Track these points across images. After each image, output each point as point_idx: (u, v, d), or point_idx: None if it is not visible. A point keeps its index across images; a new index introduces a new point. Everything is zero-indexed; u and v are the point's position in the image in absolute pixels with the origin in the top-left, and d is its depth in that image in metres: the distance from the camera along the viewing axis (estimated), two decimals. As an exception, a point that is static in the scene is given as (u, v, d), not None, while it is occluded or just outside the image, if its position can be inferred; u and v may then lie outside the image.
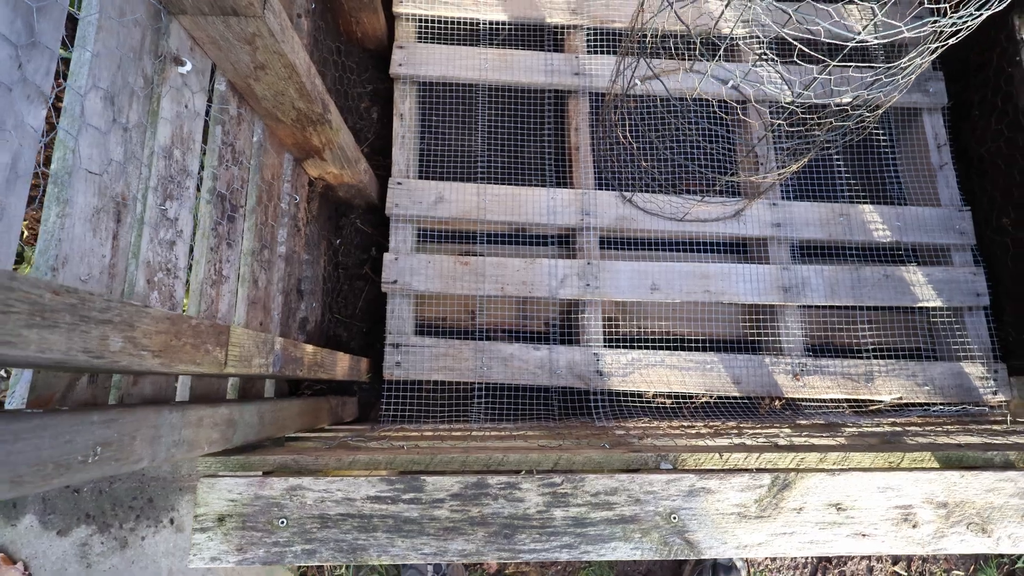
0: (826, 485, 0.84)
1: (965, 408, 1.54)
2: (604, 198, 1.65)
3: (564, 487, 0.81)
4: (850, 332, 1.65)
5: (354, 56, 1.82)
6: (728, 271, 1.61)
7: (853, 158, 1.82)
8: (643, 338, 1.69)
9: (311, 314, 1.51)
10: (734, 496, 0.82)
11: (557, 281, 1.59)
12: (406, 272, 1.57)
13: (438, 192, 1.64)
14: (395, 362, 1.52)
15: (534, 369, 1.53)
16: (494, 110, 1.81)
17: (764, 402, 1.64)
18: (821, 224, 1.66)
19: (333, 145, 1.30)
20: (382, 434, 1.19)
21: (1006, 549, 0.83)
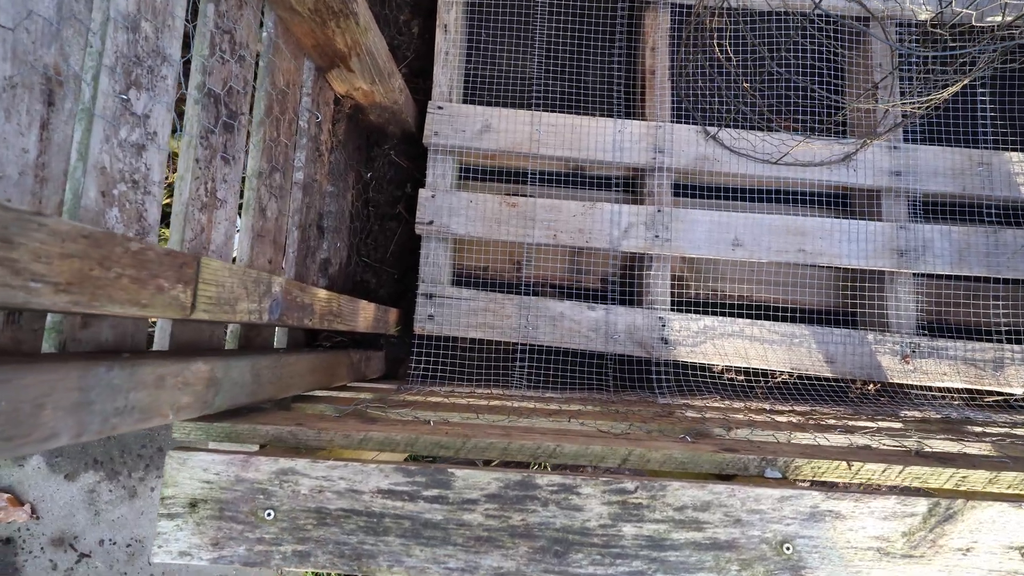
0: (1008, 520, 0.60)
1: None
2: (683, 133, 1.37)
3: (638, 496, 0.60)
4: (978, 309, 1.35)
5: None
6: (830, 227, 1.32)
7: (1001, 94, 1.46)
8: (718, 302, 1.44)
9: (335, 255, 1.32)
10: (873, 525, 0.60)
11: (620, 230, 1.34)
12: (444, 212, 1.36)
13: (484, 119, 1.39)
14: (427, 315, 1.33)
15: (587, 332, 1.32)
16: (555, 24, 1.53)
17: (855, 386, 1.38)
18: (954, 174, 1.34)
19: (360, 49, 1.07)
20: (406, 399, 1.01)
21: None
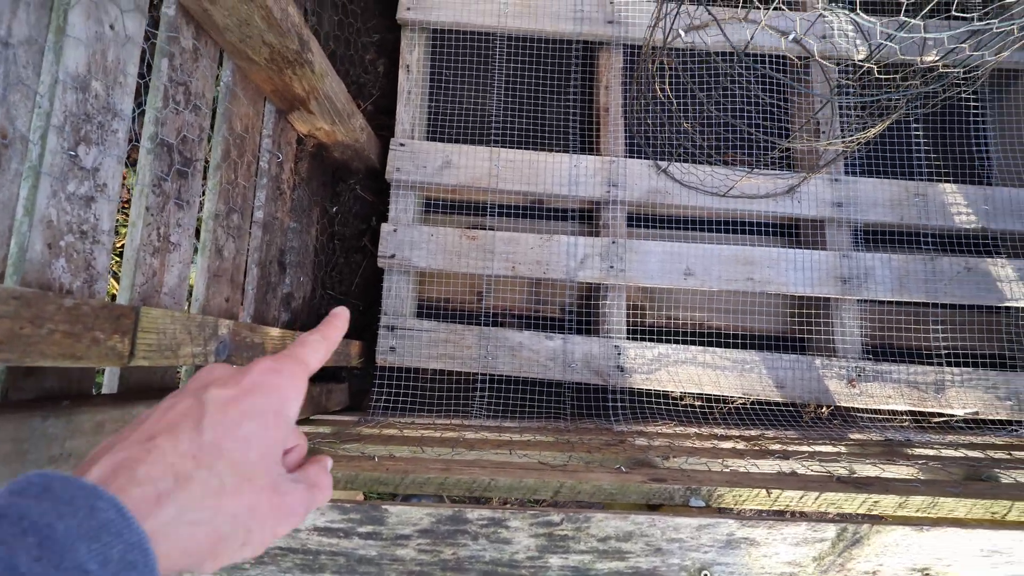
0: (910, 543, 0.64)
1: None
2: (635, 167, 1.43)
3: (564, 528, 0.63)
4: (919, 333, 1.41)
5: (357, 1, 1.62)
6: (777, 257, 1.38)
7: (935, 128, 1.55)
8: (672, 330, 1.49)
9: (298, 289, 1.35)
10: (786, 552, 0.63)
11: (576, 261, 1.39)
12: (405, 245, 1.39)
13: (445, 156, 1.44)
14: (389, 346, 1.35)
15: (545, 361, 1.35)
16: (513, 64, 1.59)
17: (808, 409, 1.43)
18: (892, 205, 1.41)
19: (318, 93, 1.11)
20: (361, 432, 1.03)
21: None
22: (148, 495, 0.27)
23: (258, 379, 0.33)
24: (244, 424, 0.31)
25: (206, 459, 0.30)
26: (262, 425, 0.32)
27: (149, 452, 0.29)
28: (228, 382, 0.33)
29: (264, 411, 0.32)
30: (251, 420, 0.31)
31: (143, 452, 0.29)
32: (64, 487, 0.25)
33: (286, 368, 0.35)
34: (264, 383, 0.33)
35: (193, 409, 0.31)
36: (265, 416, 0.32)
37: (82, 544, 0.24)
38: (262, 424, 0.32)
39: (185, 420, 0.31)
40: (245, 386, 0.33)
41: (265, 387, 0.33)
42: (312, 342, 0.37)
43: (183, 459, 0.29)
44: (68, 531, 0.23)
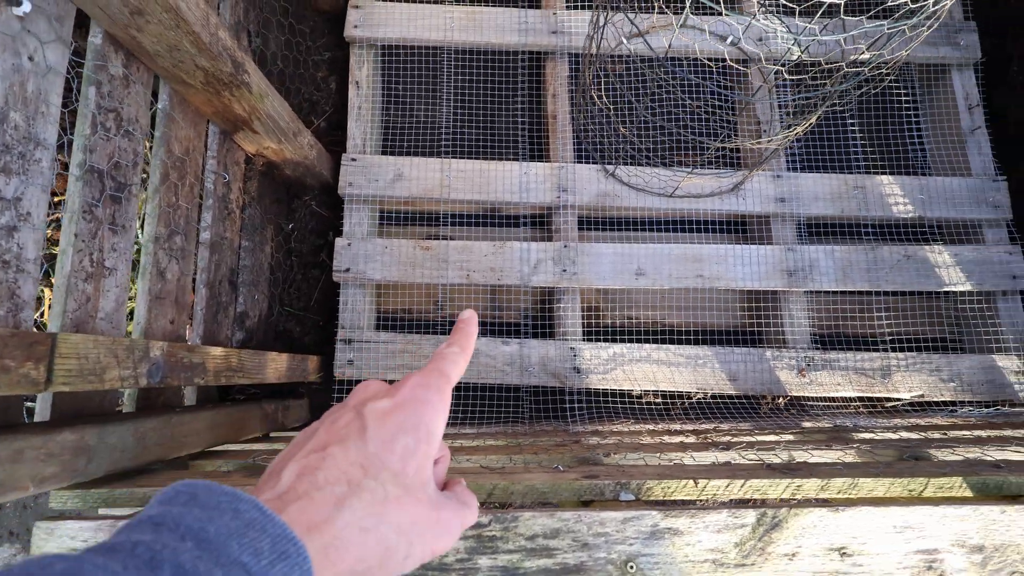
0: (827, 524, 0.66)
1: (998, 408, 1.35)
2: (584, 172, 1.46)
3: (492, 528, 0.65)
4: (865, 321, 1.46)
5: (308, 19, 1.64)
6: (724, 253, 1.42)
7: (871, 124, 1.60)
8: (630, 329, 1.51)
9: (253, 308, 1.35)
10: (708, 539, 0.65)
11: (530, 267, 1.41)
12: (360, 259, 1.40)
13: (396, 168, 1.46)
14: (347, 360, 1.36)
15: (502, 366, 1.37)
16: (462, 76, 1.62)
17: (766, 400, 1.46)
18: (832, 198, 1.46)
19: (260, 114, 1.13)
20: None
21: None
22: (328, 498, 0.30)
23: (409, 394, 0.36)
24: (400, 437, 0.33)
25: (372, 469, 0.32)
26: (415, 438, 0.34)
27: (324, 459, 0.32)
28: (383, 397, 0.36)
29: (416, 425, 0.34)
30: (406, 434, 0.34)
31: (319, 460, 0.32)
32: (208, 494, 0.27)
33: (432, 382, 0.37)
34: (414, 397, 0.35)
35: (355, 422, 0.34)
36: (418, 430, 0.34)
37: (233, 541, 0.26)
38: (415, 437, 0.34)
39: (350, 432, 0.33)
40: (398, 401, 0.35)
41: (416, 401, 0.35)
42: (451, 355, 0.39)
43: (353, 467, 0.32)
44: (219, 531, 0.26)
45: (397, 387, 0.37)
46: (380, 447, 0.33)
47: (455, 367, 0.39)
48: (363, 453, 0.32)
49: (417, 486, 0.33)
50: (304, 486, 0.30)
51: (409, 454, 0.33)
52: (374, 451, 0.33)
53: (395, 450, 0.33)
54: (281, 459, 0.34)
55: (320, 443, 0.33)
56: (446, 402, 0.37)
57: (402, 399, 0.35)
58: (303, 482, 0.31)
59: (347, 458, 0.32)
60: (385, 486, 0.32)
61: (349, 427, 0.34)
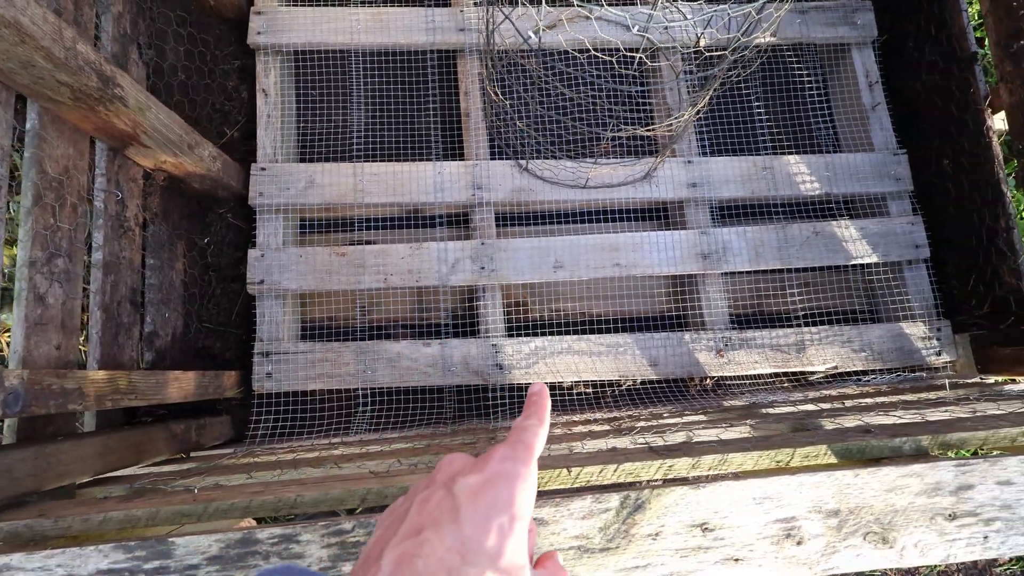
0: (688, 501, 0.67)
1: (905, 373, 1.39)
2: (498, 168, 1.47)
3: (356, 534, 0.64)
4: (780, 299, 1.49)
5: (213, 28, 1.60)
6: (640, 241, 1.44)
7: (778, 105, 1.64)
8: (557, 322, 1.52)
9: (164, 327, 1.32)
10: (573, 526, 0.66)
11: (448, 267, 1.41)
12: (274, 270, 1.38)
13: (308, 176, 1.44)
14: (265, 373, 1.34)
15: (425, 368, 1.36)
16: (373, 78, 1.61)
17: (693, 382, 1.49)
18: (743, 180, 1.49)
19: (144, 127, 1.10)
20: (226, 464, 1.02)
21: (913, 561, 0.68)
22: None
23: (498, 468, 0.35)
24: (494, 517, 0.33)
25: (470, 554, 0.31)
26: (510, 517, 0.33)
27: (421, 546, 0.31)
28: (471, 472, 0.35)
29: (509, 502, 0.34)
30: (500, 513, 0.33)
31: (416, 546, 0.31)
32: None
33: (519, 454, 0.36)
34: (504, 472, 0.35)
35: (446, 501, 0.34)
36: (511, 507, 0.34)
37: None
38: (509, 516, 0.33)
39: (443, 514, 0.33)
40: (488, 476, 0.35)
41: (506, 476, 0.35)
42: (531, 427, 0.39)
43: (450, 553, 0.31)
44: None
45: (484, 460, 0.36)
46: (475, 529, 0.32)
47: (537, 439, 0.39)
48: (459, 538, 0.32)
49: (515, 570, 0.33)
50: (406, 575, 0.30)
51: (504, 535, 0.33)
52: (469, 534, 0.32)
53: (490, 531, 0.32)
54: (376, 543, 0.34)
55: (414, 527, 0.33)
56: (534, 475, 0.37)
57: (492, 474, 0.35)
58: (403, 572, 0.30)
59: (443, 544, 0.31)
60: (484, 572, 0.31)
61: (441, 508, 0.33)
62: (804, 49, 1.65)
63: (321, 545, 0.64)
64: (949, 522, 0.68)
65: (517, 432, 0.39)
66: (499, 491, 0.34)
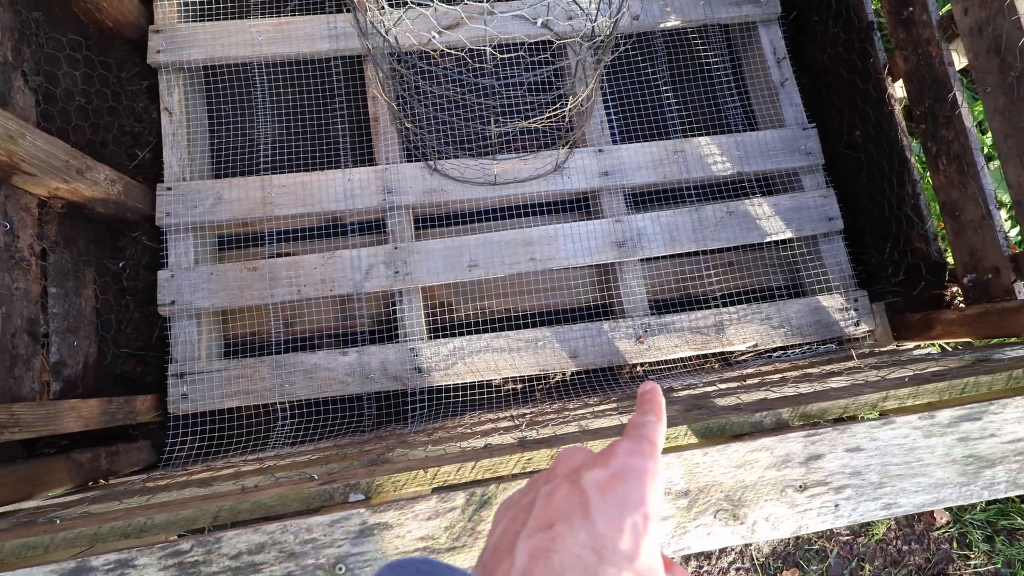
0: (536, 494, 0.67)
1: (816, 347, 1.40)
2: (409, 171, 1.46)
3: (194, 554, 0.63)
4: (698, 282, 1.49)
5: (116, 49, 1.58)
6: (554, 233, 1.43)
7: (688, 88, 1.64)
8: (484, 320, 1.52)
9: (73, 356, 1.30)
10: (419, 528, 0.66)
11: (362, 273, 1.40)
12: (185, 290, 1.37)
13: (216, 192, 1.43)
14: (181, 394, 1.33)
15: (344, 377, 1.35)
16: (280, 89, 1.59)
17: (624, 371, 1.49)
18: (655, 165, 1.49)
19: (20, 156, 1.08)
20: (126, 489, 1.01)
21: (765, 535, 0.68)
22: None
23: (625, 462, 0.33)
24: (628, 515, 0.31)
25: (605, 552, 0.30)
26: (643, 515, 0.32)
27: (554, 541, 0.30)
28: (595, 466, 0.34)
29: (641, 499, 0.32)
30: (633, 511, 0.32)
31: (549, 541, 0.30)
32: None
33: (645, 449, 0.35)
34: (632, 467, 0.33)
35: (575, 495, 0.32)
36: (643, 505, 0.32)
37: None
38: (643, 514, 0.32)
39: (573, 508, 0.31)
40: (615, 470, 0.33)
41: (635, 471, 0.33)
42: (651, 423, 0.37)
43: (586, 550, 0.30)
44: None
45: (607, 455, 0.34)
46: (608, 526, 0.31)
47: (658, 435, 0.37)
48: (592, 534, 0.31)
49: (651, 572, 0.31)
50: (542, 572, 0.29)
51: (639, 534, 0.31)
52: (603, 531, 0.31)
53: (624, 529, 0.31)
54: (504, 535, 0.33)
55: (543, 520, 0.32)
56: (660, 468, 0.35)
57: (620, 468, 0.33)
58: (539, 567, 0.29)
59: (576, 540, 0.30)
60: (622, 573, 0.30)
61: (569, 501, 0.32)
62: (711, 30, 1.65)
63: (158, 568, 0.63)
64: (799, 493, 0.68)
65: (637, 428, 0.37)
66: (629, 487, 0.32)
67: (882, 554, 1.50)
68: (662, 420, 0.39)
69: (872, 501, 0.68)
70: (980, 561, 1.52)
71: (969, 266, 1.23)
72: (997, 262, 1.17)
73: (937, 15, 1.28)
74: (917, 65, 1.32)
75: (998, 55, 1.09)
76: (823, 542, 1.50)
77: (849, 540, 1.49)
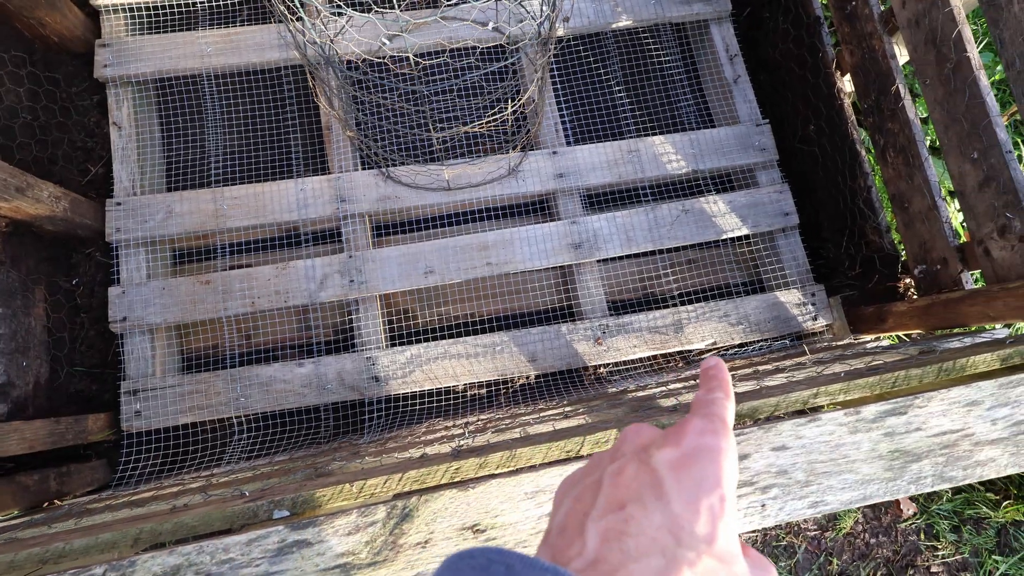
0: (458, 504, 0.66)
1: (772, 343, 1.40)
2: (362, 179, 1.45)
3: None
4: (656, 281, 1.49)
5: (64, 64, 1.56)
6: (509, 237, 1.43)
7: (633, 87, 1.64)
8: (444, 326, 1.51)
9: (21, 377, 1.28)
10: (339, 544, 0.64)
11: (316, 283, 1.38)
12: (137, 306, 1.35)
13: (167, 206, 1.41)
14: (134, 411, 1.31)
15: (300, 388, 1.34)
16: (232, 101, 1.58)
17: (588, 372, 1.48)
18: (609, 166, 1.49)
19: (-47, 176, 1.06)
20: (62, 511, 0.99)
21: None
22: (647, 572, 0.27)
23: (698, 441, 0.32)
24: (704, 497, 0.30)
25: (683, 535, 0.28)
26: (720, 497, 0.30)
27: (627, 523, 0.29)
28: (665, 444, 0.32)
29: (717, 480, 0.30)
30: (710, 492, 0.30)
31: (622, 523, 0.29)
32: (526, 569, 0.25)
33: (717, 427, 0.33)
34: (706, 446, 0.32)
35: (646, 475, 0.31)
36: (720, 486, 0.30)
37: None
38: (720, 496, 0.30)
39: (645, 488, 0.30)
40: (687, 450, 0.31)
41: (708, 450, 0.31)
42: (720, 400, 0.35)
43: (661, 532, 0.28)
44: None
45: (678, 432, 0.33)
46: (684, 508, 0.29)
47: (729, 412, 0.35)
48: (668, 515, 0.29)
49: (730, 557, 0.29)
50: (616, 556, 0.28)
51: (716, 516, 0.29)
52: (679, 512, 0.29)
53: (700, 511, 0.29)
54: (569, 513, 0.31)
55: (613, 500, 0.30)
56: (734, 447, 0.33)
57: (692, 447, 0.31)
58: (613, 551, 0.28)
59: (651, 522, 0.29)
60: (702, 557, 0.28)
61: (640, 481, 0.30)
62: (663, 29, 1.65)
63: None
64: (726, 494, 0.68)
65: (706, 405, 0.35)
66: (704, 466, 0.31)
67: (850, 548, 1.50)
68: (730, 396, 0.36)
69: (799, 500, 0.68)
70: (948, 551, 1.53)
71: (919, 257, 1.24)
72: (944, 253, 1.17)
73: (879, 9, 1.28)
74: (862, 59, 1.33)
75: (935, 47, 1.10)
76: (791, 538, 1.50)
77: (817, 535, 1.49)
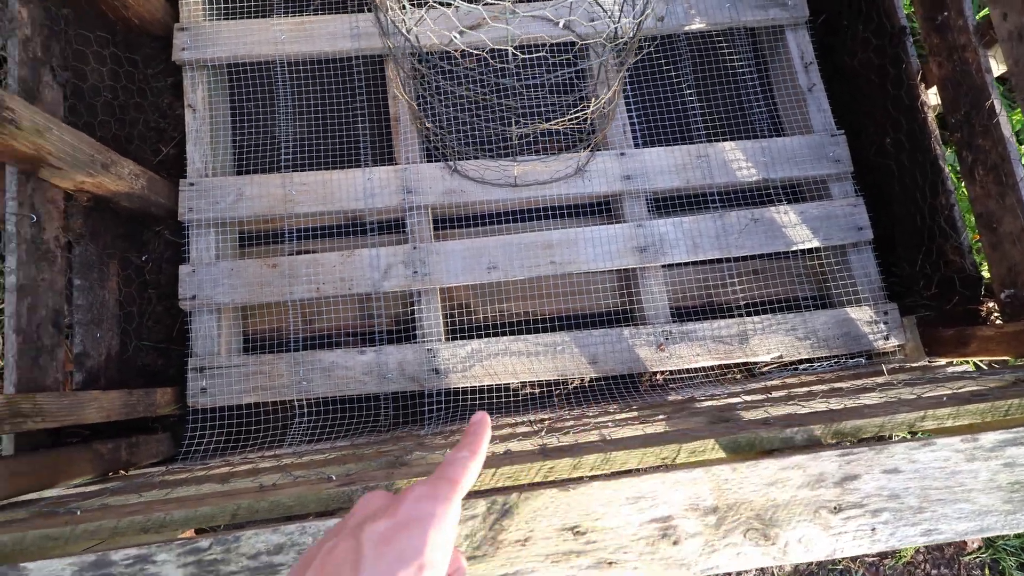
0: (559, 504, 0.65)
1: (844, 360, 1.36)
2: (429, 171, 1.45)
3: (213, 551, 0.63)
4: (720, 289, 1.47)
5: (143, 47, 1.60)
6: (574, 237, 1.41)
7: (713, 93, 1.61)
8: (503, 323, 1.50)
9: (96, 347, 1.31)
10: (439, 535, 0.64)
11: (380, 273, 1.39)
12: (206, 285, 1.37)
13: (238, 189, 1.43)
14: (200, 388, 1.33)
15: (361, 376, 1.35)
16: (303, 88, 1.59)
17: (644, 378, 1.46)
18: (678, 170, 1.46)
19: (50, 149, 1.09)
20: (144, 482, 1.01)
21: (797, 557, 0.65)
22: None
23: (411, 511, 0.34)
24: (400, 569, 0.31)
25: None
26: (418, 566, 0.32)
27: None
28: (382, 515, 0.34)
29: (418, 549, 0.32)
30: (406, 564, 0.31)
31: None
32: None
33: (440, 492, 0.35)
34: (416, 514, 0.34)
35: (351, 552, 0.32)
36: (420, 555, 0.32)
37: None
38: (417, 565, 0.32)
39: (345, 566, 0.31)
40: (400, 519, 0.33)
41: (418, 520, 0.33)
42: (460, 460, 0.38)
43: None
44: None
45: (399, 500, 0.35)
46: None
47: (465, 472, 0.37)
48: None
49: None
50: None
51: None
52: None
53: None
54: None
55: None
56: (454, 512, 0.35)
57: (404, 517, 0.34)
58: None
59: None
60: None
61: (345, 557, 0.32)
62: (737, 33, 1.62)
63: (177, 565, 0.62)
64: (834, 515, 0.66)
65: (444, 466, 0.37)
66: (411, 537, 0.33)
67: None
68: (476, 456, 0.38)
69: (911, 527, 0.65)
70: (1009, 586, 1.47)
71: (1007, 281, 1.19)
72: (1036, 277, 1.13)
73: (973, 20, 1.24)
74: (952, 71, 1.28)
75: (1043, 62, 1.06)
76: (847, 562, 1.46)
77: (875, 561, 1.45)
